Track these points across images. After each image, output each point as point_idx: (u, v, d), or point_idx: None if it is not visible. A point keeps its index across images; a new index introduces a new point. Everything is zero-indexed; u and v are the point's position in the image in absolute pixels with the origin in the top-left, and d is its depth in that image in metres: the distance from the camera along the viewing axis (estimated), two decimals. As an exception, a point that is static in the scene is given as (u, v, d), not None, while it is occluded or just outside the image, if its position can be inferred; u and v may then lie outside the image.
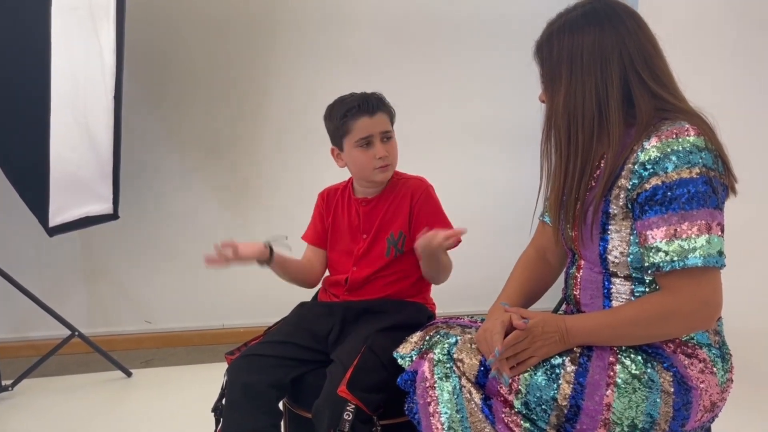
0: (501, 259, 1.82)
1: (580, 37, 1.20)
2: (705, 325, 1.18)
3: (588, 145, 1.21)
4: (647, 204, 1.15)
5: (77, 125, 2.52)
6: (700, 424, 1.20)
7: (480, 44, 3.35)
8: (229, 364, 1.56)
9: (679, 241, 1.11)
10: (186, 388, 2.64)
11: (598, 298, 1.27)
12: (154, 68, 3.12)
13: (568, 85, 1.21)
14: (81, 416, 2.40)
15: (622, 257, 1.22)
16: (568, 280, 1.36)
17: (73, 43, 2.43)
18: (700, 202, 1.11)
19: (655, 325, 1.17)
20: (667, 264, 1.12)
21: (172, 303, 3.24)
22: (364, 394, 1.36)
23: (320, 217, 1.76)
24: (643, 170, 1.15)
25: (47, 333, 2.90)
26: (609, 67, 1.19)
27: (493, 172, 3.41)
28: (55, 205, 2.40)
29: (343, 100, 1.63)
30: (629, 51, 1.19)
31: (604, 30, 1.20)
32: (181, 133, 3.19)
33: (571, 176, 1.24)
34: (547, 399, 1.16)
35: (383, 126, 1.61)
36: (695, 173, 1.12)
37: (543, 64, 1.27)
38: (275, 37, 3.20)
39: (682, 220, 1.11)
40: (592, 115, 1.20)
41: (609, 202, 1.21)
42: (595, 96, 1.19)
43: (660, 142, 1.14)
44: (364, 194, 1.69)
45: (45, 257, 3.07)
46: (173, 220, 3.20)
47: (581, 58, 1.20)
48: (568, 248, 1.36)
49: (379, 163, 1.60)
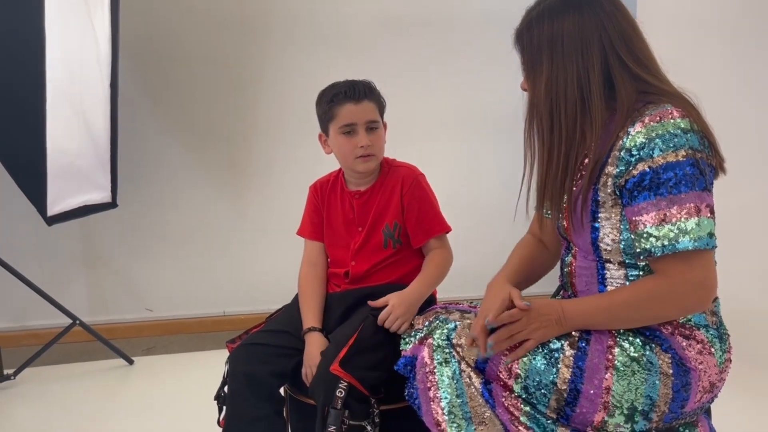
0: (499, 244, 1.82)
1: (560, 22, 1.20)
2: (700, 307, 1.18)
3: (571, 131, 1.21)
4: (636, 190, 1.15)
5: (74, 113, 2.51)
6: (700, 404, 1.21)
7: (476, 29, 3.32)
8: (230, 353, 1.56)
9: (669, 225, 1.11)
10: (187, 376, 2.65)
11: (593, 284, 1.28)
12: (151, 56, 3.10)
13: (549, 71, 1.21)
14: (83, 404, 2.42)
15: (614, 244, 1.22)
16: (564, 268, 1.36)
17: (67, 30, 2.41)
18: (688, 185, 1.11)
19: (649, 308, 1.17)
20: (658, 249, 1.13)
21: (172, 291, 3.25)
22: (358, 372, 1.37)
23: (316, 210, 1.72)
24: (629, 156, 1.15)
25: (48, 322, 2.91)
26: (590, 51, 1.18)
27: (491, 157, 3.40)
28: (54, 194, 2.40)
29: (333, 85, 1.62)
30: (609, 35, 1.19)
31: (583, 14, 1.20)
32: (179, 120, 3.18)
33: (556, 163, 1.23)
34: (547, 383, 1.17)
35: (369, 115, 1.58)
36: (681, 156, 1.12)
37: (524, 52, 1.27)
38: (272, 24, 3.18)
39: (671, 204, 1.11)
40: (575, 100, 1.19)
41: (597, 190, 1.21)
42: (577, 81, 1.19)
43: (644, 127, 1.14)
44: (357, 186, 1.67)
45: (45, 246, 3.07)
46: (172, 208, 3.20)
47: (561, 44, 1.20)
48: (562, 237, 1.36)
49: (361, 152, 1.57)
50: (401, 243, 1.63)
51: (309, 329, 1.55)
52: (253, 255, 3.28)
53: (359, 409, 1.35)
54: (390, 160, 1.69)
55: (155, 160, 3.15)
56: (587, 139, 1.21)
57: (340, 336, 1.47)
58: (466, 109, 3.37)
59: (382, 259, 1.63)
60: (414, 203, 1.61)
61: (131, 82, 2.99)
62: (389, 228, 1.63)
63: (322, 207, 1.71)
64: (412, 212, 1.61)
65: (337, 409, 1.33)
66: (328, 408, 1.33)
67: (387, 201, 1.63)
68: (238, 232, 3.27)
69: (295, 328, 1.58)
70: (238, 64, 3.18)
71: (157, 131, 3.15)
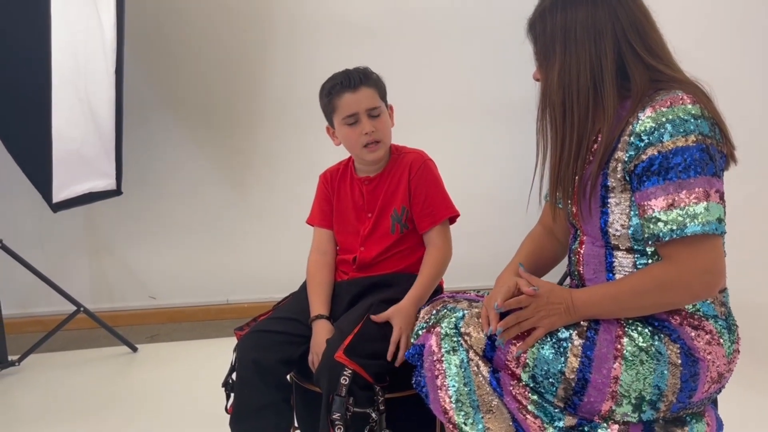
0: (507, 235, 1.82)
1: (573, 11, 1.20)
2: (708, 294, 1.17)
3: (584, 119, 1.21)
4: (645, 175, 1.15)
5: (79, 101, 2.50)
6: (707, 395, 1.21)
7: (482, 17, 3.30)
8: (238, 340, 1.56)
9: (678, 210, 1.11)
10: (191, 363, 2.66)
11: (601, 272, 1.27)
12: (156, 44, 3.09)
13: (563, 60, 1.21)
14: (87, 391, 2.43)
15: (623, 230, 1.22)
16: (572, 256, 1.36)
17: (72, 18, 2.40)
18: (697, 170, 1.11)
19: (657, 295, 1.17)
20: (666, 234, 1.12)
21: (176, 278, 3.26)
22: (362, 359, 1.37)
23: (326, 199, 1.72)
24: (639, 141, 1.15)
25: (52, 309, 2.92)
26: (603, 40, 1.19)
27: (499, 147, 3.38)
28: (59, 181, 2.40)
29: (332, 77, 1.62)
30: (622, 24, 1.19)
31: (596, 4, 1.20)
32: (184, 109, 3.17)
33: (568, 151, 1.23)
34: (555, 372, 1.17)
35: (369, 102, 1.58)
36: (691, 141, 1.12)
37: (536, 41, 1.27)
38: (277, 11, 3.16)
39: (680, 188, 1.11)
40: (587, 89, 1.20)
41: (607, 175, 1.21)
42: (590, 70, 1.19)
43: (655, 112, 1.14)
44: (366, 173, 1.67)
45: (49, 233, 3.08)
46: (176, 196, 3.20)
47: (575, 32, 1.20)
48: (570, 224, 1.36)
49: (366, 140, 1.57)
50: (408, 228, 1.63)
51: (317, 317, 1.55)
52: (256, 243, 3.28)
53: (363, 396, 1.36)
54: (399, 146, 1.70)
55: (160, 147, 3.15)
56: (598, 127, 1.21)
57: (345, 324, 1.48)
58: (473, 98, 3.35)
59: (389, 245, 1.63)
60: (422, 187, 1.61)
61: (136, 70, 2.98)
62: (397, 212, 1.63)
63: (332, 195, 1.72)
64: (419, 196, 1.61)
65: (341, 396, 1.33)
66: (333, 395, 1.34)
67: (396, 186, 1.64)
68: (242, 221, 3.27)
69: (304, 316, 1.58)
70: (244, 52, 3.17)
71: (162, 119, 3.14)
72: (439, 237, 1.62)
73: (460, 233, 1.66)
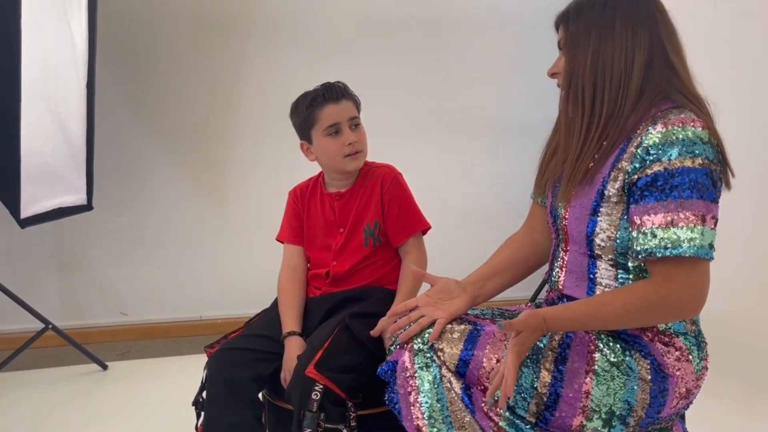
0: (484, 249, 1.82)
1: (613, 6, 1.23)
2: (692, 315, 1.19)
3: (613, 105, 1.22)
4: (647, 189, 1.15)
5: (49, 114, 2.46)
6: (676, 410, 1.23)
7: (466, 34, 3.34)
8: (209, 357, 1.55)
9: (675, 228, 1.12)
10: (163, 381, 2.61)
11: (583, 281, 1.28)
12: (128, 56, 3.06)
13: (598, 43, 1.23)
14: (56, 410, 2.37)
15: (608, 241, 1.23)
16: (554, 261, 1.37)
17: (43, 29, 2.37)
18: (699, 193, 1.12)
19: (649, 313, 1.16)
20: (659, 250, 1.13)
21: (148, 294, 3.21)
22: (333, 374, 1.37)
23: (296, 215, 1.74)
24: (645, 155, 1.16)
25: (20, 326, 2.85)
26: (641, 33, 1.22)
27: (477, 162, 3.41)
28: (27, 196, 2.35)
29: (307, 93, 1.64)
30: (659, 25, 1.23)
31: (638, 4, 1.23)
32: (156, 122, 3.15)
33: (594, 131, 1.23)
34: (527, 387, 1.18)
35: (350, 112, 1.61)
36: (698, 164, 1.13)
37: (569, 27, 1.28)
38: (252, 25, 3.16)
39: (680, 208, 1.12)
40: (620, 74, 1.21)
41: (606, 183, 1.22)
42: (624, 58, 1.21)
43: (666, 129, 1.15)
44: (337, 188, 1.69)
45: (17, 249, 3.02)
46: (149, 210, 3.16)
47: (614, 21, 1.22)
48: (554, 229, 1.37)
49: (349, 150, 1.60)
50: (381, 242, 1.65)
51: (289, 333, 1.54)
52: (230, 258, 3.26)
53: (335, 412, 1.35)
54: (368, 162, 1.71)
55: (132, 161, 3.11)
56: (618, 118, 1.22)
57: (316, 340, 1.48)
58: (450, 113, 3.38)
59: (363, 258, 1.64)
60: (394, 201, 1.64)
61: (108, 83, 2.95)
62: (369, 226, 1.64)
63: (302, 211, 1.72)
64: (392, 210, 1.63)
65: (312, 411, 1.32)
66: (304, 411, 1.33)
67: (367, 200, 1.65)
68: (216, 236, 3.24)
69: (275, 333, 1.57)
70: (218, 64, 3.16)
71: (135, 132, 3.11)
72: (416, 248, 1.66)
73: (438, 247, 1.68)
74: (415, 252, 1.65)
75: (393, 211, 1.63)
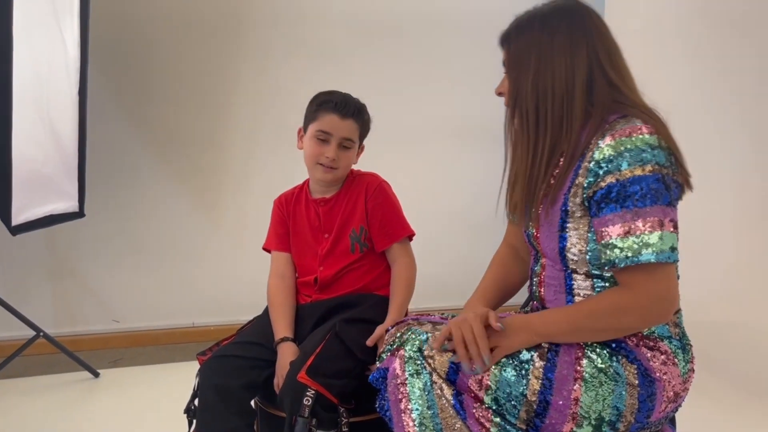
0: (473, 255, 1.84)
1: (553, 24, 1.25)
2: (661, 320, 1.20)
3: (557, 124, 1.24)
4: (603, 201, 1.17)
5: (41, 121, 2.46)
6: (664, 414, 1.23)
7: (456, 41, 3.37)
8: (201, 365, 1.54)
9: (633, 237, 1.14)
10: (155, 388, 2.61)
11: (561, 293, 1.30)
12: (120, 63, 3.07)
13: (538, 65, 1.24)
14: (47, 418, 2.36)
15: (580, 255, 1.25)
16: (533, 278, 1.38)
17: (35, 37, 2.37)
18: (653, 199, 1.14)
19: (613, 318, 1.19)
20: (621, 260, 1.15)
21: (140, 301, 3.20)
22: (325, 379, 1.37)
23: (281, 222, 1.75)
24: (598, 168, 1.18)
25: (11, 334, 2.84)
26: (578, 53, 1.23)
27: (466, 169, 3.43)
28: (19, 203, 2.34)
29: (332, 92, 1.66)
30: (595, 43, 1.24)
31: (574, 20, 1.25)
32: (149, 128, 3.15)
33: (540, 155, 1.25)
34: (517, 395, 1.18)
35: (347, 133, 1.63)
36: (648, 171, 1.15)
37: (510, 47, 1.30)
38: (244, 31, 3.17)
39: (636, 217, 1.14)
40: (562, 95, 1.23)
41: (567, 200, 1.24)
42: (564, 79, 1.23)
43: (614, 141, 1.17)
44: (322, 194, 1.71)
45: (8, 256, 3.01)
46: (141, 217, 3.16)
47: (552, 42, 1.24)
48: (532, 246, 1.39)
49: (325, 161, 1.61)
50: (367, 247, 1.67)
51: (281, 339, 1.55)
52: (223, 265, 3.26)
53: (327, 417, 1.36)
54: (355, 170, 1.73)
55: (124, 168, 3.11)
56: (566, 138, 1.24)
57: (308, 345, 1.48)
58: (441, 120, 3.40)
59: (350, 263, 1.66)
60: (378, 208, 1.66)
61: (101, 89, 2.95)
62: (355, 232, 1.66)
63: (288, 219, 1.74)
64: (376, 216, 1.65)
65: (304, 417, 1.32)
66: (296, 417, 1.33)
67: (353, 207, 1.67)
68: (207, 242, 3.24)
69: (267, 340, 1.57)
70: (211, 70, 3.17)
71: (127, 139, 3.11)
72: (403, 253, 1.68)
73: (428, 253, 1.69)
74: (403, 258, 1.67)
75: (377, 217, 1.66)
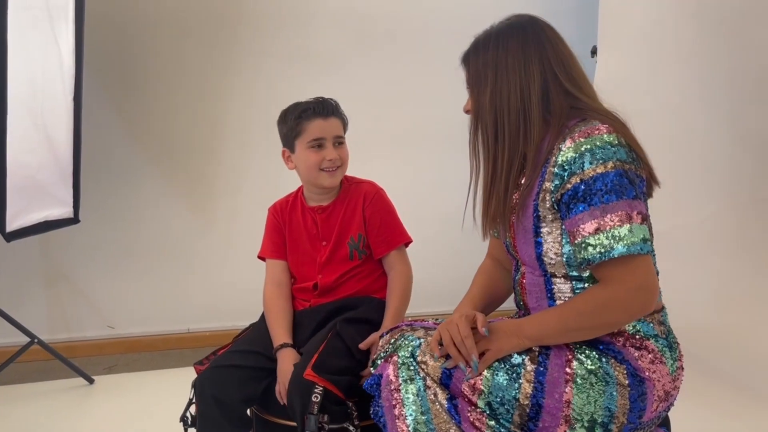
0: (466, 260, 1.85)
1: (505, 44, 1.30)
2: (644, 310, 1.21)
3: (515, 139, 1.29)
4: (571, 202, 1.21)
5: (35, 128, 2.46)
6: (656, 414, 1.25)
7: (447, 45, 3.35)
8: (198, 375, 1.54)
9: (604, 233, 1.17)
10: (151, 395, 2.60)
11: (543, 299, 1.32)
12: (115, 70, 3.07)
13: (494, 83, 1.29)
14: (42, 425, 2.35)
15: (557, 258, 1.27)
16: (516, 287, 1.41)
17: (29, 43, 2.38)
18: (618, 194, 1.17)
19: (598, 315, 1.20)
20: (596, 257, 1.17)
21: (135, 307, 3.20)
22: (331, 376, 1.38)
23: (277, 230, 1.75)
24: (562, 171, 1.22)
25: (5, 340, 2.83)
26: (531, 67, 1.28)
27: (458, 173, 3.42)
28: (13, 209, 2.34)
29: (298, 103, 1.67)
30: (548, 55, 1.29)
31: (527, 36, 1.30)
32: (144, 135, 3.15)
33: (500, 169, 1.30)
34: (510, 399, 1.19)
35: (336, 130, 1.65)
36: (609, 167, 1.18)
37: (470, 67, 1.35)
38: (237, 37, 3.18)
39: (604, 213, 1.17)
40: (518, 109, 1.28)
41: (537, 206, 1.27)
42: (519, 93, 1.28)
43: (574, 143, 1.21)
44: (318, 202, 1.71)
45: (2, 262, 3.00)
46: (136, 223, 3.15)
47: (506, 59, 1.29)
48: (510, 255, 1.41)
49: (328, 165, 1.62)
50: (366, 253, 1.68)
51: (281, 345, 1.55)
52: (218, 270, 3.26)
53: (337, 411, 1.36)
54: (350, 177, 1.74)
55: (119, 174, 3.12)
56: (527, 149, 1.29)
57: (311, 346, 1.49)
58: (432, 124, 3.41)
59: (349, 270, 1.67)
60: (376, 215, 1.67)
61: (95, 96, 2.95)
62: (354, 240, 1.67)
63: (283, 227, 1.74)
64: (374, 224, 1.67)
65: (314, 414, 1.32)
66: (307, 415, 1.33)
67: (351, 215, 1.68)
68: (203, 247, 3.24)
69: (264, 347, 1.57)
70: (205, 77, 3.17)
71: (122, 145, 3.11)
72: (400, 261, 1.69)
73: (420, 258, 1.70)
74: (399, 266, 1.68)
75: (374, 225, 1.67)
